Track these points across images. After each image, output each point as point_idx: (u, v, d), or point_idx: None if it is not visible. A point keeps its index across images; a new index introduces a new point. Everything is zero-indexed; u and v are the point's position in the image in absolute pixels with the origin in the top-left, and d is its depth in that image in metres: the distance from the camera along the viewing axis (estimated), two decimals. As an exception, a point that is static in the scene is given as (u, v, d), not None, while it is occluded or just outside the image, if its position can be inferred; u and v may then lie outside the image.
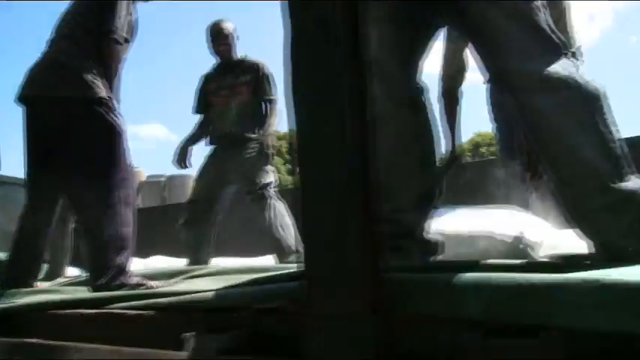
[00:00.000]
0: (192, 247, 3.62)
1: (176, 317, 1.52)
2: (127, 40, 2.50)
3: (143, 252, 3.93)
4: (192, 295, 1.55)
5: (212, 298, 1.48)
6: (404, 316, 1.16)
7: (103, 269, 2.28)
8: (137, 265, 3.87)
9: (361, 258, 1.18)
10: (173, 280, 2.38)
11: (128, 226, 2.35)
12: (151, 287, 2.27)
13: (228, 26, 3.91)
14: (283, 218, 3.45)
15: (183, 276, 2.42)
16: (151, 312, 1.60)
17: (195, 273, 2.40)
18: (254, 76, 3.81)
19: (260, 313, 1.36)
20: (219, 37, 3.87)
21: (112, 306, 1.73)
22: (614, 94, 1.53)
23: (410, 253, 1.56)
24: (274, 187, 3.64)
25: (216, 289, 1.54)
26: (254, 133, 3.73)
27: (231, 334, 1.34)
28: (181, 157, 3.87)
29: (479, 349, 1.04)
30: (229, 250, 3.84)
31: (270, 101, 3.80)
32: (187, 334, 1.38)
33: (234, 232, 4.10)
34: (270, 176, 3.66)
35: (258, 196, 3.55)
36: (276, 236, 3.37)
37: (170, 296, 1.61)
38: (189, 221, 3.66)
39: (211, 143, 3.86)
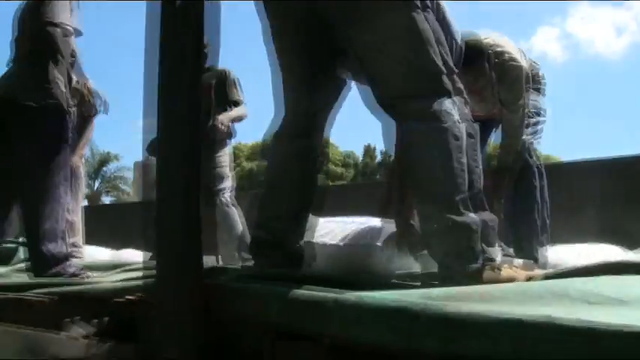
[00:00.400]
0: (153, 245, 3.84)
1: (70, 304, 1.74)
2: (74, 32, 2.69)
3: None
4: (84, 286, 1.77)
5: (94, 290, 1.70)
6: (224, 316, 1.35)
7: (42, 258, 2.52)
8: (105, 255, 4.13)
9: (193, 264, 1.40)
10: (108, 272, 2.60)
11: (61, 221, 2.59)
12: (86, 277, 2.51)
13: (205, 38, 4.17)
14: (232, 225, 3.65)
15: (119, 269, 2.64)
16: (54, 298, 1.81)
17: (129, 267, 2.62)
18: (220, 80, 4.03)
19: (127, 303, 1.56)
20: None
21: (33, 291, 1.95)
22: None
23: (274, 261, 1.71)
24: (230, 191, 3.84)
25: (99, 282, 1.75)
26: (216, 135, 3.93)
27: (98, 321, 1.56)
28: (152, 150, 4.07)
29: (270, 350, 1.23)
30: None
31: (236, 102, 4.04)
32: (67, 319, 1.61)
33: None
34: (226, 181, 3.87)
35: (212, 201, 3.77)
36: (220, 240, 3.58)
37: (67, 286, 1.82)
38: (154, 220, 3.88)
39: None
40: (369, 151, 29.76)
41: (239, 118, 4.11)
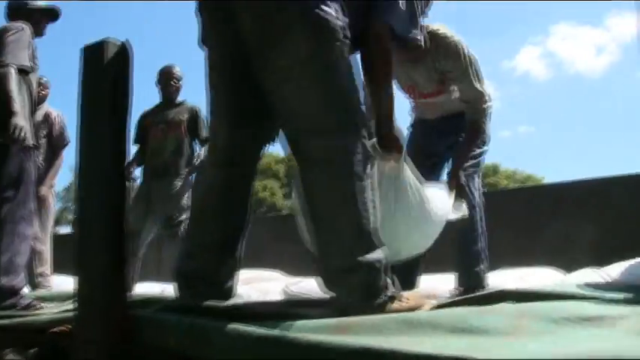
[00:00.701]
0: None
1: (8, 336, 1.85)
2: (27, 71, 2.81)
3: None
4: (23, 317, 1.88)
5: (31, 321, 1.81)
6: (140, 345, 1.47)
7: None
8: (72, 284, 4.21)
9: (113, 295, 1.52)
10: (64, 303, 2.71)
11: (20, 255, 2.70)
12: (39, 308, 2.62)
13: (179, 70, 4.36)
14: None
15: (73, 299, 2.75)
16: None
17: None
18: (191, 117, 4.21)
19: (59, 334, 1.68)
20: (171, 78, 4.28)
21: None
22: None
23: (200, 293, 1.75)
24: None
25: (39, 314, 1.86)
26: (184, 168, 4.09)
27: (31, 352, 1.67)
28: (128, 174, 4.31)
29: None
30: (154, 276, 4.17)
31: (203, 141, 4.19)
32: (5, 351, 1.72)
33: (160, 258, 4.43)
34: (186, 212, 3.97)
35: (172, 232, 3.90)
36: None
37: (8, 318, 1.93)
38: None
39: (146, 173, 4.22)
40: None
41: None
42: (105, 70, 1.56)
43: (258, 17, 1.65)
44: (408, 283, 2.64)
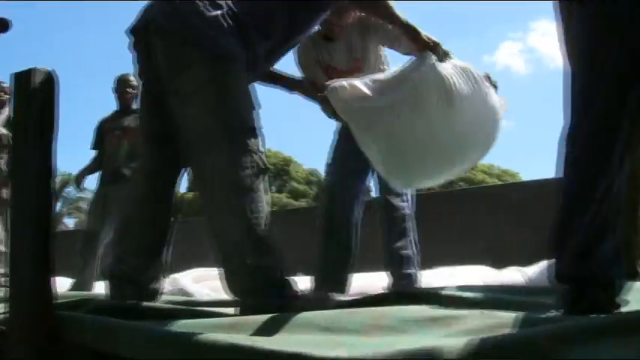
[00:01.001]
0: (78, 272, 4.13)
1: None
2: None
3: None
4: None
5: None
6: (66, 342, 1.65)
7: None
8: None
9: (39, 298, 1.68)
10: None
11: None
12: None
13: (135, 78, 4.52)
14: None
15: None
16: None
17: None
18: None
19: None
20: (127, 85, 4.43)
21: None
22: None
23: (129, 294, 1.94)
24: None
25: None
26: None
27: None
28: (78, 182, 4.65)
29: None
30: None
31: None
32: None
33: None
34: None
35: None
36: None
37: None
38: (79, 250, 4.17)
39: (103, 177, 4.38)
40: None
41: None
42: (33, 96, 1.73)
43: (167, 48, 1.88)
44: (339, 282, 2.81)
